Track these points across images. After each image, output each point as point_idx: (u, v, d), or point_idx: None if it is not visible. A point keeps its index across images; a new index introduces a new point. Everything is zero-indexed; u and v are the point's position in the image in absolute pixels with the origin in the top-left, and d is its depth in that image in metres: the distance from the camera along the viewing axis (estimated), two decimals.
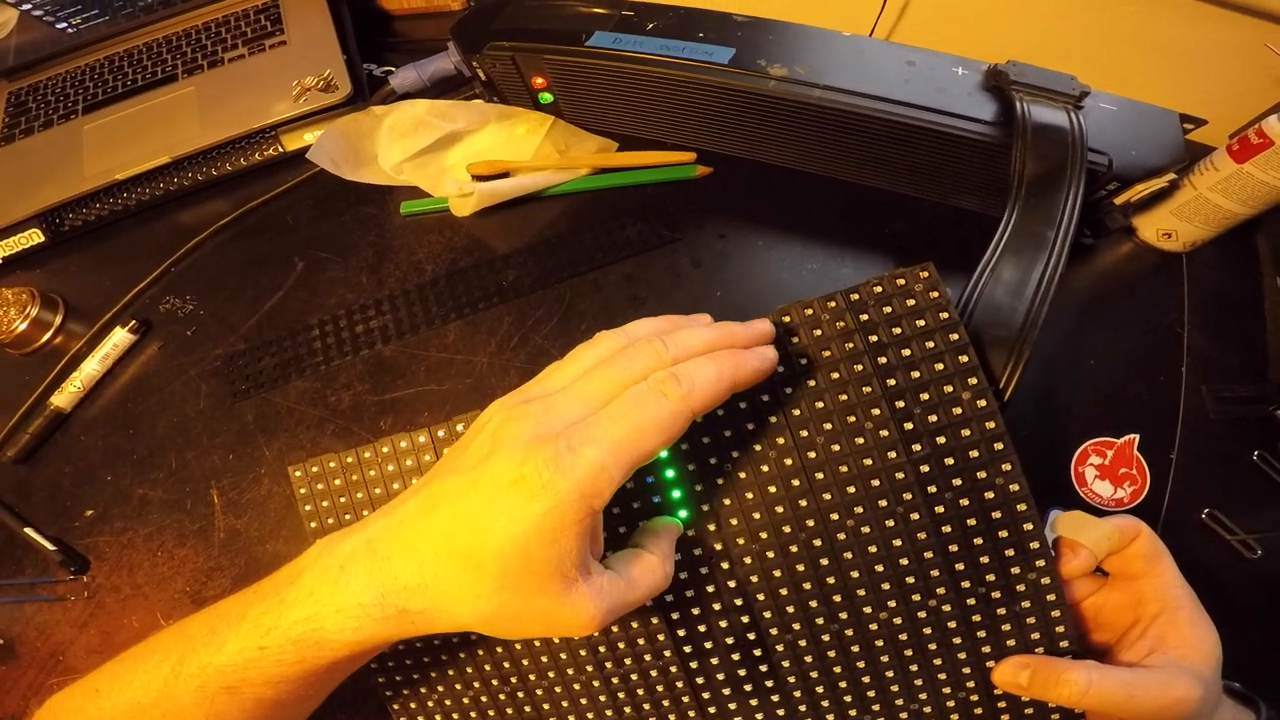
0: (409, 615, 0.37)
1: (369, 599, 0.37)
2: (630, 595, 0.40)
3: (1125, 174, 0.66)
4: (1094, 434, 0.67)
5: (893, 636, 0.50)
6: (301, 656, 0.38)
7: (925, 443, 0.47)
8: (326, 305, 0.81)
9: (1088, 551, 0.49)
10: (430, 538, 0.37)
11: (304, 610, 0.38)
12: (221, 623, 0.41)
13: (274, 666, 0.39)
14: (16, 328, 0.80)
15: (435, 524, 0.37)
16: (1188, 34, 0.80)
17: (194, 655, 0.40)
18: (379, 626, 0.37)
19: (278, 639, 0.38)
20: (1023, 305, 0.52)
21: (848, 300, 0.48)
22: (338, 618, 0.37)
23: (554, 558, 0.36)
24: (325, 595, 0.38)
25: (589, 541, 0.38)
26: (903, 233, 0.78)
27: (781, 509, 0.48)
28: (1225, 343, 0.73)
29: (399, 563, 0.37)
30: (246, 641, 0.39)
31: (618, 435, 0.37)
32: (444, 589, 0.37)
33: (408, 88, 0.93)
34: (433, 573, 0.37)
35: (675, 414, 0.38)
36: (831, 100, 0.70)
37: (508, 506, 0.35)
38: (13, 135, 0.95)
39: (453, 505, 0.37)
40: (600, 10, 0.82)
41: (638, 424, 0.37)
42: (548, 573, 0.36)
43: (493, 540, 0.35)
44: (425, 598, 0.37)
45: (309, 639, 0.38)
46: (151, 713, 0.41)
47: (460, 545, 0.36)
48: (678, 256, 0.79)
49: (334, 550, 0.39)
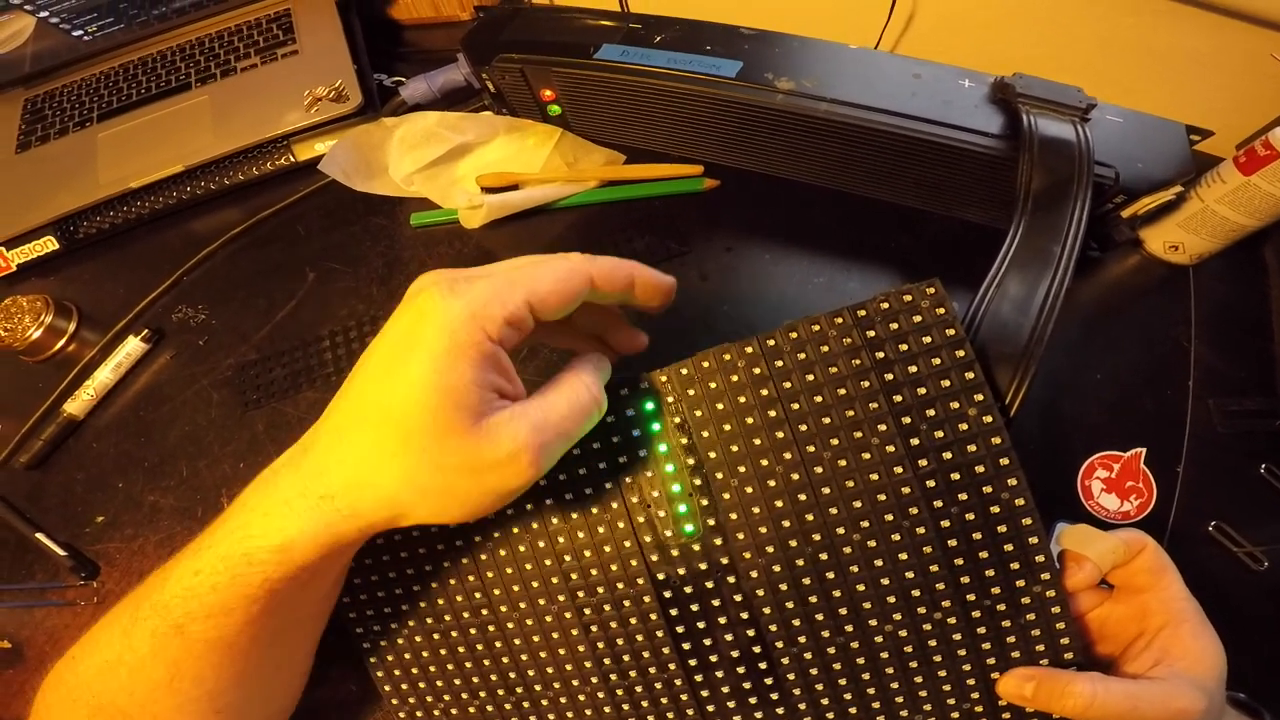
0: (329, 501, 0.37)
1: (292, 492, 0.37)
2: (552, 413, 0.39)
3: (1132, 187, 0.66)
4: (1101, 447, 0.67)
5: (898, 648, 0.50)
6: (232, 575, 0.38)
7: (931, 458, 0.47)
8: (338, 316, 0.81)
9: (1093, 565, 0.49)
10: (345, 413, 0.38)
11: (234, 522, 0.39)
12: (172, 561, 0.41)
13: (210, 593, 0.38)
14: (30, 335, 0.81)
15: (349, 397, 0.38)
16: (1194, 44, 0.80)
17: (146, 597, 0.41)
18: (302, 521, 0.37)
19: (209, 559, 0.38)
20: (1029, 321, 0.52)
21: (854, 316, 0.48)
22: (263, 521, 0.37)
23: (454, 386, 0.35)
24: (255, 502, 0.38)
25: (491, 373, 0.37)
26: (909, 246, 0.78)
27: (788, 523, 0.48)
28: (1233, 356, 0.72)
29: (321, 449, 0.38)
30: (185, 569, 0.39)
31: (512, 273, 0.38)
32: (359, 457, 0.36)
33: (418, 99, 0.93)
34: (349, 444, 0.37)
35: (573, 267, 0.39)
36: (838, 114, 0.70)
37: (405, 346, 0.36)
38: (29, 143, 0.96)
39: (363, 370, 0.38)
40: (608, 23, 0.83)
41: (534, 268, 0.39)
42: (451, 406, 0.35)
43: (394, 386, 0.35)
44: (343, 473, 0.37)
45: (236, 552, 0.38)
46: (118, 670, 0.41)
47: (369, 405, 0.36)
48: (685, 269, 0.79)
49: (275, 462, 0.40)
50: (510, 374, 0.39)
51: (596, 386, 0.43)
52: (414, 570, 0.52)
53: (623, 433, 0.49)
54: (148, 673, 0.41)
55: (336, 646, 0.52)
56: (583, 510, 0.50)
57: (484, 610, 0.52)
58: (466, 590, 0.52)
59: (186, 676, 0.41)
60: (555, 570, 0.51)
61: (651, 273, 0.45)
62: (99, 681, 0.42)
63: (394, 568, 0.52)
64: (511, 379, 0.40)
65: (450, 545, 0.52)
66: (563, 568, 0.51)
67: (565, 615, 0.51)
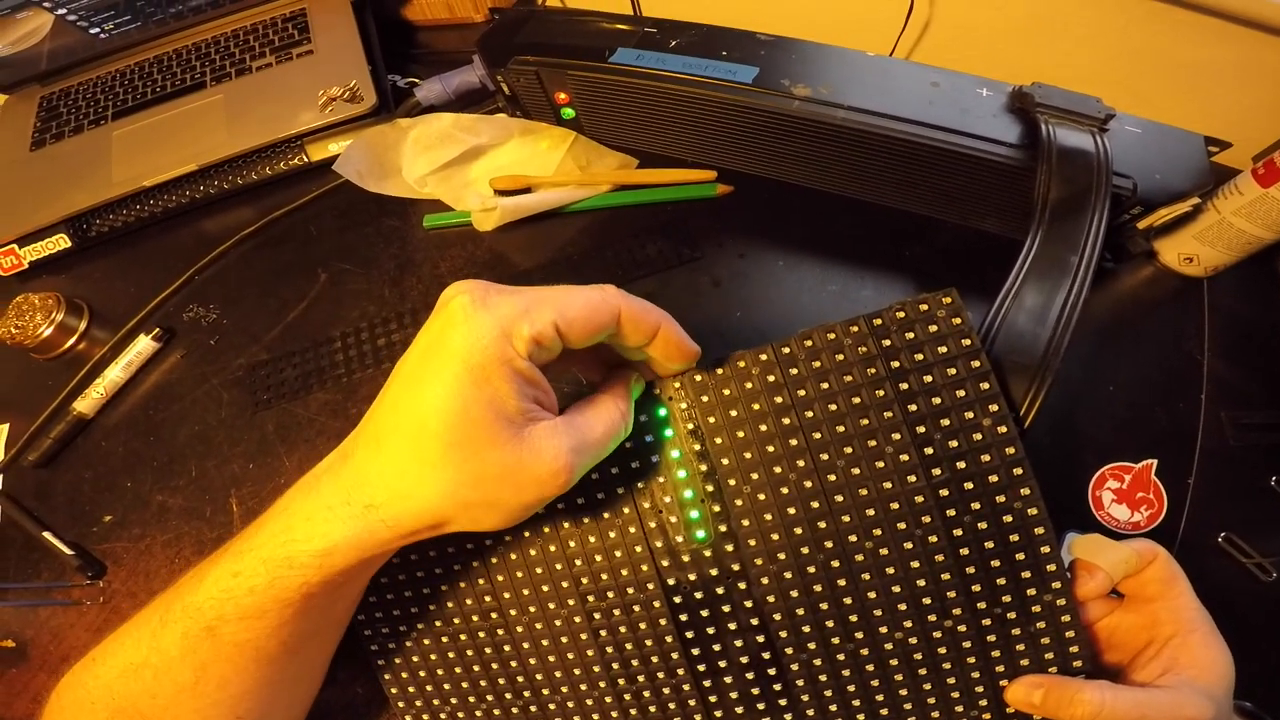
0: (374, 510, 0.37)
1: (336, 499, 0.37)
2: (590, 435, 0.40)
3: (1149, 198, 0.66)
4: (1112, 458, 0.67)
5: (907, 656, 0.50)
6: (272, 577, 0.38)
7: (945, 467, 0.47)
8: (349, 317, 0.81)
9: (1105, 574, 0.49)
10: (381, 422, 0.38)
11: (276, 525, 0.39)
12: (207, 564, 0.41)
13: (246, 595, 0.38)
14: (42, 333, 0.81)
15: (384, 406, 0.38)
16: (1213, 55, 0.80)
17: (179, 599, 0.41)
18: (346, 528, 0.37)
19: (250, 561, 0.39)
20: (1045, 332, 0.51)
21: (870, 325, 0.48)
22: (306, 525, 0.38)
23: (489, 399, 0.36)
24: (297, 507, 0.39)
25: (526, 385, 0.38)
26: (923, 255, 0.78)
27: (800, 530, 0.48)
28: (1245, 369, 0.72)
29: (362, 456, 0.38)
30: (222, 570, 0.39)
31: (543, 294, 0.39)
32: (400, 468, 0.37)
33: (433, 100, 0.93)
34: (390, 454, 0.37)
35: (604, 298, 0.40)
36: (856, 121, 0.70)
37: (435, 357, 0.36)
38: (43, 140, 0.96)
39: (397, 379, 0.38)
40: (624, 27, 0.83)
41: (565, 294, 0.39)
42: (489, 419, 0.36)
43: (430, 397, 0.36)
44: (384, 483, 0.37)
45: (278, 555, 0.38)
46: (143, 672, 0.41)
47: (406, 416, 0.36)
48: (698, 275, 0.79)
49: (317, 466, 0.40)
50: (545, 386, 0.40)
51: (628, 409, 0.45)
52: (424, 574, 0.52)
53: (636, 438, 0.49)
54: (174, 675, 0.41)
55: (344, 649, 0.52)
56: (594, 515, 0.50)
57: (493, 614, 0.52)
58: (476, 594, 0.52)
59: (212, 680, 0.41)
60: (566, 575, 0.50)
61: (678, 330, 0.45)
62: (120, 684, 0.42)
63: (404, 571, 0.52)
64: (547, 390, 0.40)
65: (460, 549, 0.52)
66: (573, 572, 0.50)
67: (575, 620, 0.51)
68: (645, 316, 0.43)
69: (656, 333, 0.44)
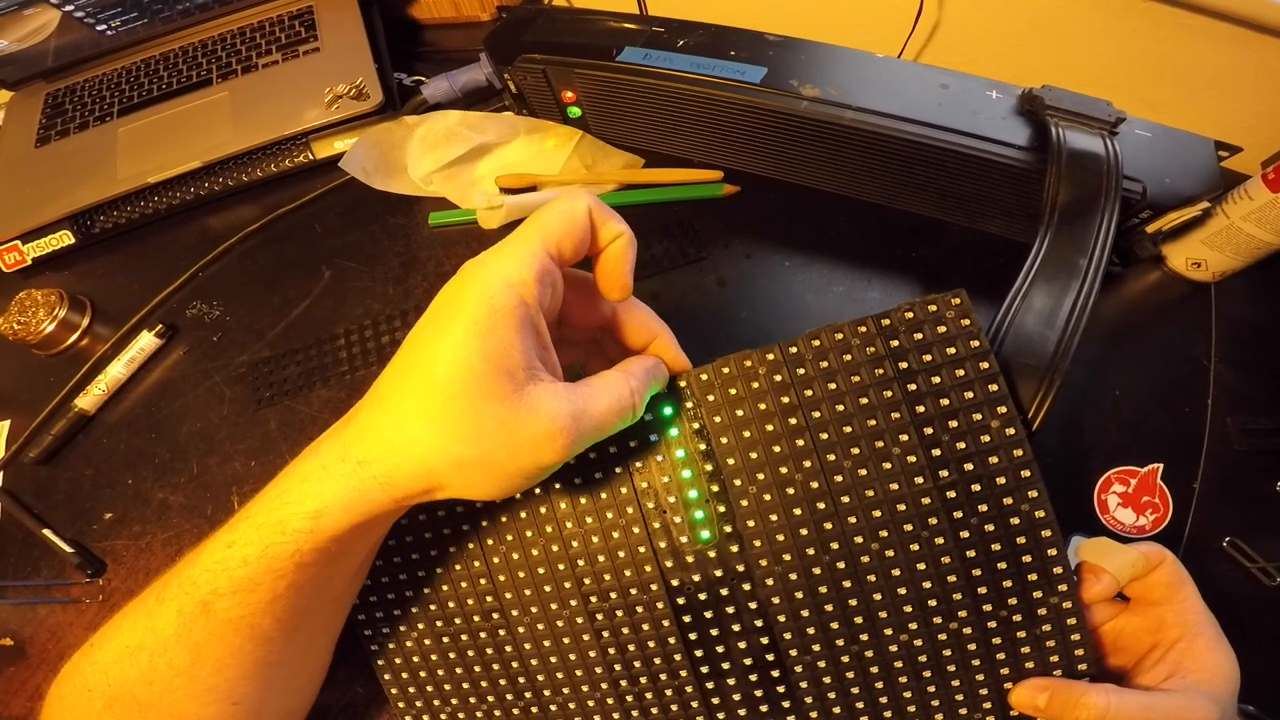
0: (365, 466, 0.37)
1: (331, 458, 0.37)
2: (593, 404, 0.40)
3: (1159, 202, 0.66)
4: (1118, 462, 0.67)
5: (912, 657, 0.49)
6: (264, 545, 0.38)
7: (952, 469, 0.47)
8: (353, 315, 0.81)
9: (1111, 577, 0.49)
10: (388, 381, 0.38)
11: (274, 490, 0.39)
12: (209, 540, 0.41)
13: (240, 565, 0.38)
14: (44, 329, 0.81)
15: (393, 367, 0.38)
16: (1224, 60, 0.80)
17: (176, 576, 0.41)
18: (337, 486, 0.37)
19: (244, 529, 0.38)
20: (1054, 334, 0.51)
21: (878, 325, 0.47)
22: (301, 487, 0.37)
23: (494, 352, 0.36)
24: (295, 469, 0.39)
25: (532, 339, 0.38)
26: (930, 257, 0.78)
27: (805, 531, 0.48)
28: (1252, 375, 0.72)
29: (365, 415, 0.38)
30: (218, 541, 0.39)
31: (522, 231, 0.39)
32: (398, 422, 0.37)
33: (439, 98, 0.94)
34: (389, 409, 0.37)
35: (574, 206, 0.40)
36: (864, 122, 0.70)
37: (446, 315, 0.36)
38: (49, 136, 0.97)
39: (407, 343, 0.38)
40: (631, 26, 0.83)
41: (539, 220, 0.39)
42: (491, 370, 0.36)
43: (437, 351, 0.36)
44: (380, 438, 0.37)
45: (271, 520, 0.38)
46: (139, 655, 0.41)
47: (411, 371, 0.37)
48: (703, 275, 0.79)
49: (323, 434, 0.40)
50: (548, 343, 0.40)
51: (640, 392, 0.43)
52: (424, 572, 0.52)
53: (640, 437, 0.49)
54: (169, 657, 0.40)
55: (343, 649, 0.52)
56: (597, 513, 0.50)
57: (495, 614, 0.52)
58: (477, 593, 0.52)
59: (207, 663, 0.40)
60: (568, 574, 0.50)
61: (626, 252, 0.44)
62: (116, 668, 0.42)
63: (404, 570, 0.52)
64: (549, 348, 0.40)
65: (461, 545, 0.51)
66: (575, 571, 0.50)
67: (577, 620, 0.51)
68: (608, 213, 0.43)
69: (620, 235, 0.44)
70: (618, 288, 0.44)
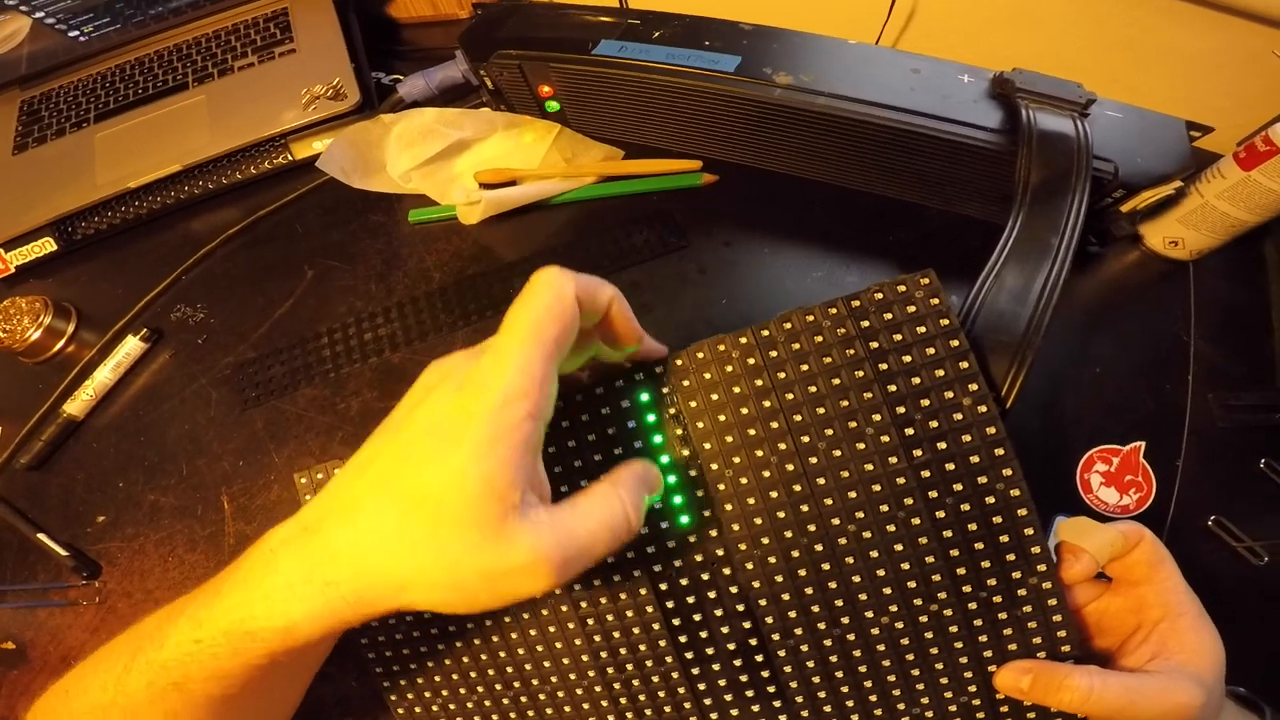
0: (336, 587, 0.35)
1: (296, 577, 0.36)
2: (580, 526, 0.37)
3: (1131, 181, 0.67)
4: (1100, 441, 0.67)
5: (894, 640, 0.50)
6: (235, 648, 0.37)
7: (926, 448, 0.47)
8: (336, 313, 0.82)
9: (1090, 557, 0.48)
10: (367, 496, 0.36)
11: (234, 599, 0.38)
12: (166, 619, 0.41)
13: (211, 660, 0.38)
14: (30, 336, 0.81)
15: (371, 480, 0.37)
16: (1194, 41, 0.81)
17: (142, 653, 0.40)
18: (306, 606, 0.36)
19: (210, 630, 0.38)
20: (1026, 311, 0.52)
21: (849, 307, 0.48)
22: (265, 603, 0.36)
23: (489, 473, 0.34)
24: (255, 581, 0.37)
25: (529, 456, 0.36)
26: (908, 240, 0.78)
27: (783, 514, 0.48)
28: (1232, 351, 0.73)
29: (329, 531, 0.36)
30: (183, 635, 0.38)
31: (526, 333, 0.36)
32: (377, 543, 0.35)
33: (416, 96, 0.94)
34: (368, 529, 0.35)
35: (561, 293, 0.38)
36: (837, 108, 0.71)
37: (448, 431, 0.35)
38: (25, 144, 0.96)
39: (389, 454, 0.37)
40: (607, 19, 0.83)
41: (534, 316, 0.37)
42: (483, 493, 0.34)
43: (433, 468, 0.34)
44: (353, 560, 0.35)
45: (238, 629, 0.37)
46: (111, 712, 0.41)
47: (400, 489, 0.35)
48: (684, 264, 0.79)
49: (270, 536, 0.39)
50: (539, 454, 0.38)
51: (635, 507, 0.40)
52: None
53: (618, 425, 0.49)
54: (143, 717, 0.40)
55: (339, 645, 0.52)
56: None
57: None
58: None
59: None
60: None
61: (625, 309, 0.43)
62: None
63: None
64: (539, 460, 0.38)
65: None
66: None
67: (561, 609, 0.51)
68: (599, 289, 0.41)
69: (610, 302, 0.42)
70: (633, 339, 0.45)
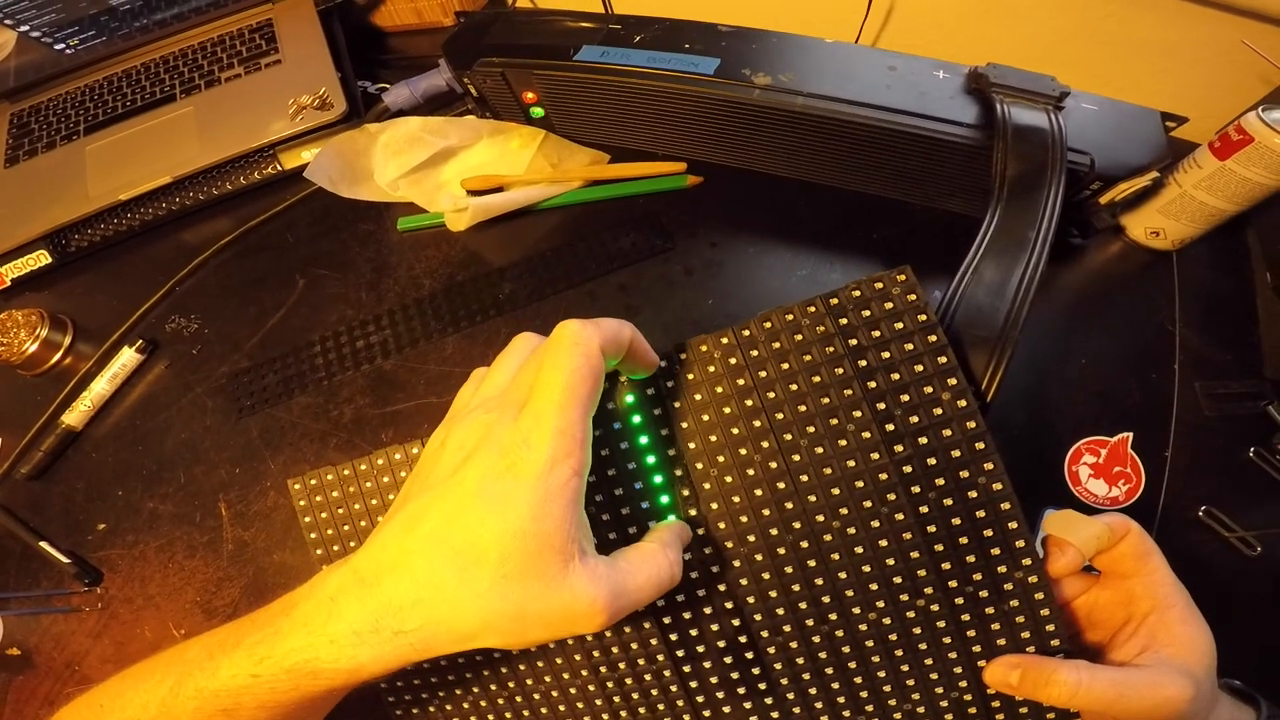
0: (404, 636, 0.37)
1: (363, 625, 0.37)
2: (631, 580, 0.40)
3: (1108, 173, 0.67)
4: (1087, 433, 0.68)
5: (882, 636, 0.50)
6: (296, 684, 0.38)
7: (908, 443, 0.47)
8: (328, 322, 0.82)
9: (1075, 550, 0.48)
10: (420, 552, 0.37)
11: (297, 640, 0.38)
12: (218, 649, 0.41)
13: (269, 694, 0.39)
14: (27, 349, 0.82)
15: (422, 536, 0.38)
16: (1168, 32, 0.81)
17: (190, 679, 0.40)
18: (375, 652, 0.37)
19: (271, 668, 0.38)
20: (1004, 305, 0.52)
21: (827, 305, 0.48)
22: (332, 648, 0.37)
23: (548, 531, 0.36)
24: (318, 626, 0.38)
25: (577, 511, 0.38)
26: (891, 237, 0.79)
27: (768, 511, 0.49)
28: (1218, 339, 0.73)
29: (389, 585, 0.37)
30: (240, 669, 0.39)
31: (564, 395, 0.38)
32: (441, 597, 0.36)
33: (401, 105, 0.94)
34: (428, 583, 0.37)
35: (589, 352, 0.39)
36: (815, 107, 0.71)
37: (500, 493, 0.36)
38: (16, 157, 0.97)
39: (440, 512, 0.38)
40: (588, 25, 0.83)
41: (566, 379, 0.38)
42: (543, 549, 0.36)
43: (491, 528, 0.36)
44: (420, 612, 0.37)
45: (303, 669, 0.38)
46: None
47: (456, 546, 0.36)
48: (670, 265, 0.80)
49: (324, 584, 0.40)
50: (584, 517, 0.40)
51: (677, 564, 0.43)
52: None
53: (605, 426, 0.50)
54: None
55: None
56: None
57: None
58: None
59: None
60: None
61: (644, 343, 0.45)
62: None
63: None
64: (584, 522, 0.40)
65: None
66: None
67: None
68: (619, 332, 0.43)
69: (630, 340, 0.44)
70: (652, 366, 0.47)
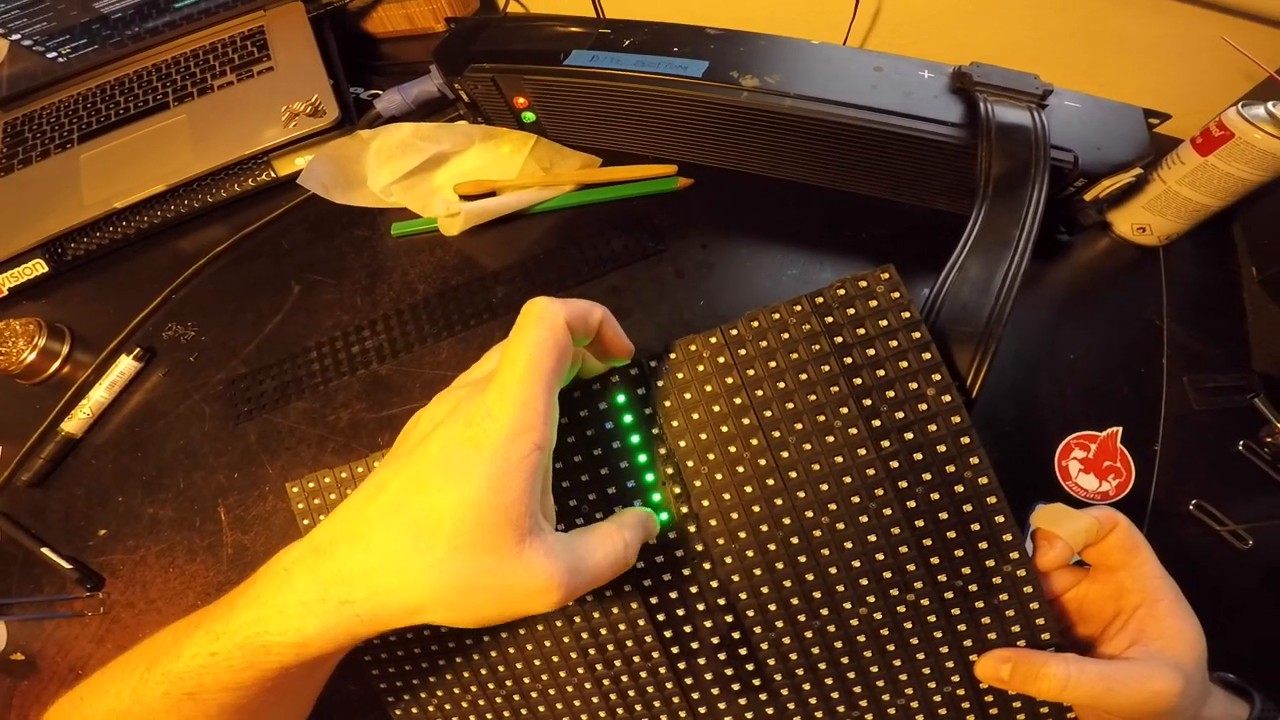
0: (350, 606, 0.37)
1: (311, 595, 0.37)
2: (589, 557, 0.40)
3: (1092, 170, 0.67)
4: (1077, 428, 0.68)
5: (874, 631, 0.50)
6: (250, 661, 0.38)
7: (894, 439, 0.48)
8: (323, 327, 0.83)
9: (1064, 543, 0.49)
10: (378, 520, 0.38)
11: (249, 614, 0.39)
12: (182, 631, 0.42)
13: (226, 672, 0.39)
14: (25, 358, 0.82)
15: (382, 505, 0.38)
16: (1150, 29, 0.82)
17: (158, 663, 0.41)
18: (320, 623, 0.37)
19: (225, 644, 0.39)
20: (989, 301, 0.53)
21: (813, 304, 0.49)
22: (280, 619, 0.38)
23: (505, 504, 0.36)
24: (269, 597, 0.38)
25: (539, 486, 0.38)
26: (880, 236, 0.79)
27: (759, 508, 0.49)
28: (1205, 334, 0.73)
29: (342, 553, 0.38)
30: (199, 648, 0.40)
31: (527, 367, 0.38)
32: (393, 566, 0.36)
33: (393, 111, 0.95)
34: (381, 551, 0.37)
35: (554, 325, 0.39)
36: (802, 109, 0.72)
37: (460, 462, 0.36)
38: (11, 165, 0.97)
39: (402, 481, 0.38)
40: (578, 29, 0.84)
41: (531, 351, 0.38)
42: (500, 521, 0.36)
43: (448, 497, 0.36)
44: (369, 582, 0.37)
45: (254, 643, 0.38)
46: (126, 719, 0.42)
47: (412, 515, 0.37)
48: (662, 268, 0.81)
49: (281, 557, 0.40)
50: (548, 489, 0.41)
51: (634, 547, 0.44)
52: None
53: (596, 426, 0.50)
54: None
55: None
56: (560, 502, 0.51)
57: None
58: None
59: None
60: None
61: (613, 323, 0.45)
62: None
63: None
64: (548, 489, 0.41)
65: None
66: None
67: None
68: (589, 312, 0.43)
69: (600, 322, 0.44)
70: (625, 354, 0.47)
